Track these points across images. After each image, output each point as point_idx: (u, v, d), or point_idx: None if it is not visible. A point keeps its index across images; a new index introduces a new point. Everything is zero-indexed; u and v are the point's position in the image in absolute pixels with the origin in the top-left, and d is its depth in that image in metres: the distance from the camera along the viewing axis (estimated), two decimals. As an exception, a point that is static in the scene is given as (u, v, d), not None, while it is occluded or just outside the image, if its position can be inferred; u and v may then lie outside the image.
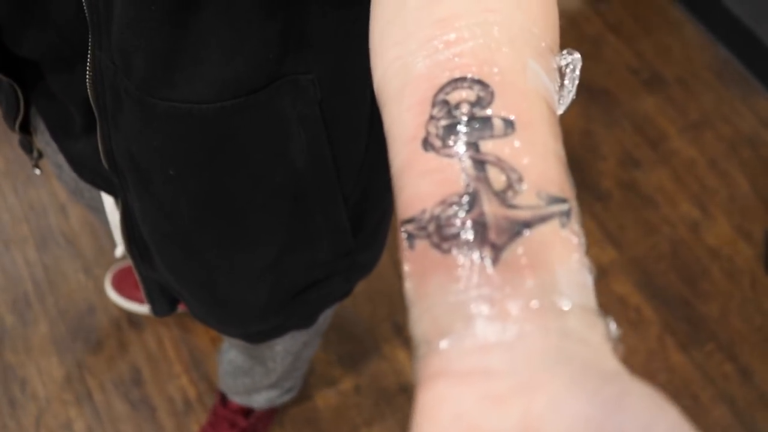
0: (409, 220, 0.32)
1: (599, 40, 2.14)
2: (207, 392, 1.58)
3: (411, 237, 0.32)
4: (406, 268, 0.32)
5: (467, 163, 0.32)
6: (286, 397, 1.41)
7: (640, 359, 1.65)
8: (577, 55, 0.38)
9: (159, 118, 0.57)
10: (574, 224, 0.32)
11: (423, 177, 0.33)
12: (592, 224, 1.83)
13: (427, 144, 0.33)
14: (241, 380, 1.30)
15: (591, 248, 1.80)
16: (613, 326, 0.30)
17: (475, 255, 0.30)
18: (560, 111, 0.37)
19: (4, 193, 1.80)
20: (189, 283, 0.79)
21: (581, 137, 1.96)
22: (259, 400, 1.38)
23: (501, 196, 0.31)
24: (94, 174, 0.78)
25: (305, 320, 0.92)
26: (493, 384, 0.27)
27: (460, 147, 0.32)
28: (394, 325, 1.67)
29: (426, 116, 0.33)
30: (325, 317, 1.04)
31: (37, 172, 0.88)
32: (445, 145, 0.32)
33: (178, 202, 0.66)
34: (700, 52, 2.12)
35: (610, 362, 0.28)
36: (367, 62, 0.59)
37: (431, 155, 0.33)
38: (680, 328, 1.70)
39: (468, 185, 0.31)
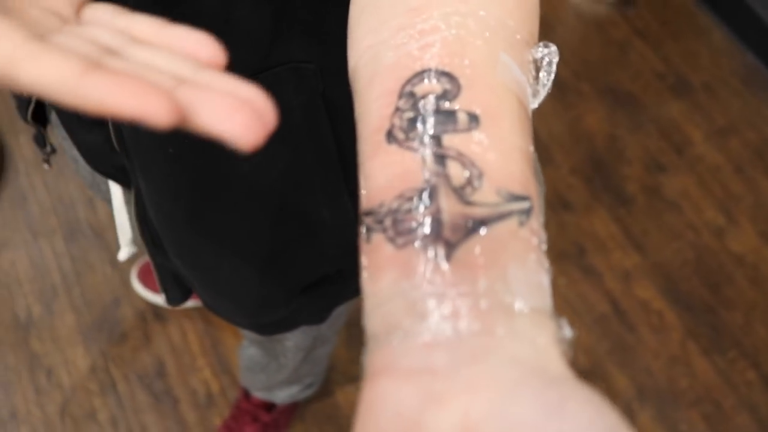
0: (368, 213, 0.32)
1: (626, 45, 2.14)
2: (230, 386, 1.60)
3: (369, 230, 0.32)
4: (363, 261, 0.32)
5: (428, 157, 0.31)
6: (308, 393, 1.42)
7: (662, 364, 1.65)
8: (554, 48, 0.37)
9: None
10: (534, 223, 0.31)
11: (383, 169, 0.32)
12: (616, 228, 1.83)
13: (390, 136, 0.33)
14: (258, 376, 1.31)
15: (614, 252, 1.79)
16: (566, 329, 0.29)
17: (429, 252, 0.29)
18: (534, 105, 0.37)
19: (34, 186, 1.83)
20: (195, 269, 0.79)
21: (606, 141, 1.96)
22: (281, 396, 1.39)
23: (459, 192, 0.30)
24: (107, 164, 0.79)
25: (315, 316, 0.92)
26: (435, 383, 0.26)
27: (422, 140, 0.32)
28: (416, 324, 1.67)
29: (392, 108, 0.33)
30: (338, 314, 1.04)
31: (46, 167, 0.90)
32: (408, 138, 0.32)
33: (179, 183, 0.67)
34: (727, 57, 2.11)
35: (556, 365, 0.27)
36: None
37: (393, 147, 0.32)
38: (703, 334, 1.70)
39: (427, 180, 0.31)
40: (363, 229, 0.32)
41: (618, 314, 1.72)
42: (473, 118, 0.32)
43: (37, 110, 0.80)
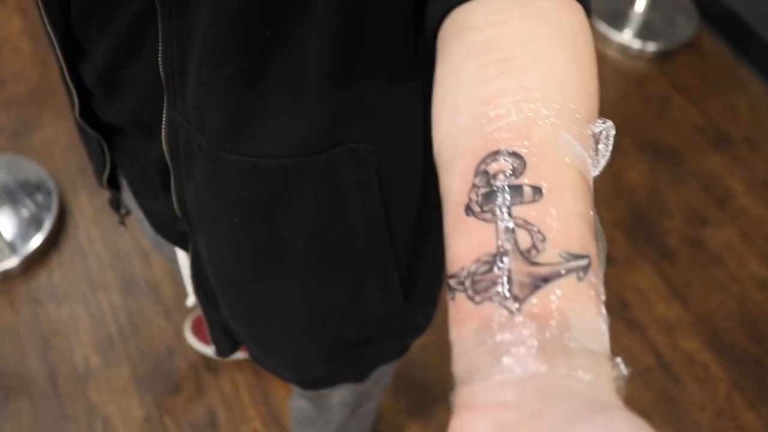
0: (451, 276, 0.38)
1: (665, 100, 2.17)
2: (279, 436, 1.63)
3: (452, 290, 0.37)
4: (450, 317, 0.37)
5: (500, 226, 0.37)
6: None
7: (709, 416, 1.65)
8: (610, 123, 0.43)
9: (227, 169, 0.62)
10: (592, 277, 0.36)
11: (463, 238, 0.38)
12: (659, 281, 1.84)
13: (468, 209, 0.38)
14: (307, 429, 1.34)
15: (658, 304, 1.81)
16: (621, 367, 0.34)
17: (501, 306, 0.35)
18: (595, 172, 0.42)
19: (93, 241, 1.90)
20: (246, 326, 0.83)
21: (648, 195, 1.98)
22: None
23: (525, 255, 0.36)
24: (169, 230, 0.84)
25: (357, 374, 0.95)
26: (505, 414, 0.31)
27: (495, 212, 0.37)
28: (462, 376, 1.69)
29: (469, 184, 0.39)
30: (383, 373, 1.06)
31: (122, 229, 0.95)
32: (483, 211, 0.38)
33: (239, 249, 0.71)
34: (766, 110, 2.13)
35: (606, 395, 0.32)
36: (419, 136, 0.65)
37: (471, 219, 0.38)
38: (749, 387, 1.69)
39: (499, 246, 0.36)
40: (448, 290, 0.37)
41: (662, 366, 1.72)
42: (537, 191, 0.37)
43: (112, 176, 0.86)
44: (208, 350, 1.71)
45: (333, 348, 0.85)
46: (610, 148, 0.43)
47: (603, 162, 0.42)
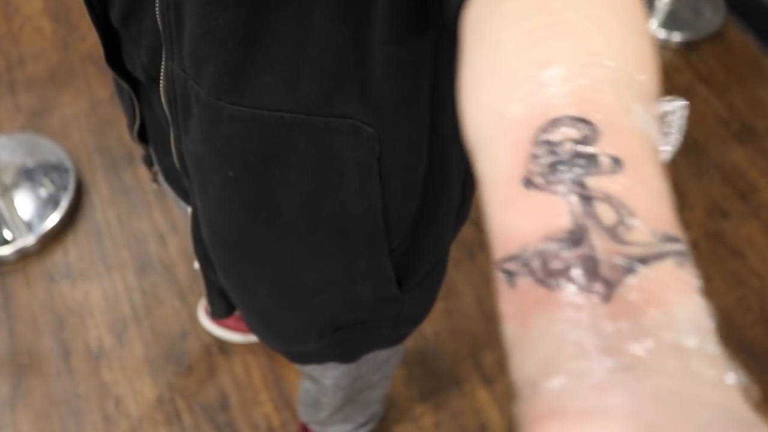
0: (509, 258, 0.30)
1: (690, 91, 2.14)
2: (290, 420, 1.63)
3: (511, 275, 0.30)
4: (506, 308, 0.30)
5: (574, 199, 0.30)
6: (362, 431, 1.43)
7: (725, 412, 1.62)
8: (681, 102, 0.37)
9: (224, 120, 0.61)
10: (690, 265, 0.29)
11: (524, 214, 0.31)
12: (678, 274, 1.82)
13: (528, 183, 0.31)
14: (309, 410, 1.33)
15: (676, 298, 1.78)
16: (741, 374, 0.27)
17: (587, 291, 0.28)
18: (666, 158, 0.35)
19: (109, 221, 1.90)
20: (236, 288, 0.82)
21: (669, 187, 1.95)
22: None
23: (612, 232, 0.29)
24: (178, 186, 0.86)
25: (345, 356, 0.94)
26: (615, 425, 0.24)
27: (566, 183, 0.30)
28: (476, 364, 1.69)
29: (526, 156, 0.32)
30: (382, 361, 1.05)
31: (155, 186, 0.97)
32: (549, 182, 0.31)
33: (233, 206, 0.70)
34: (793, 104, 2.10)
35: (744, 409, 0.25)
36: (424, 131, 0.63)
37: (534, 193, 0.31)
38: (768, 383, 1.67)
39: (575, 220, 0.29)
40: (502, 276, 0.30)
41: (679, 361, 1.70)
42: (616, 162, 0.31)
43: (142, 131, 0.86)
44: (222, 332, 1.71)
45: (322, 324, 0.83)
46: (683, 130, 0.36)
47: (676, 146, 0.36)
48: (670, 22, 2.27)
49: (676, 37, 2.24)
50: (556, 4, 0.36)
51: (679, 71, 2.19)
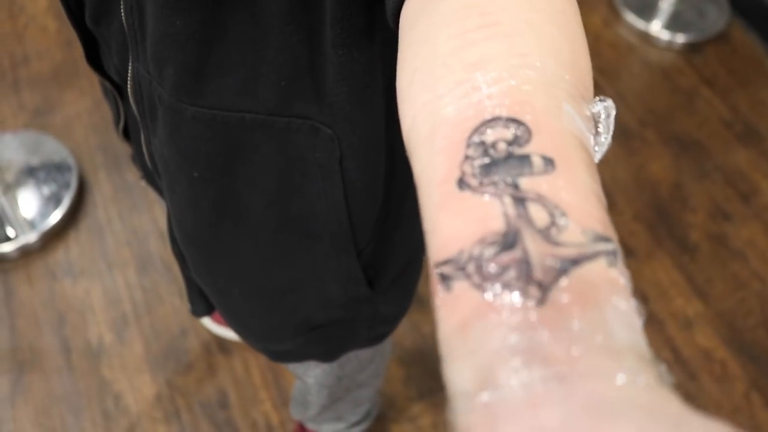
0: (444, 262, 0.30)
1: (693, 93, 2.14)
2: (289, 419, 1.63)
3: (447, 279, 0.29)
4: (441, 312, 0.29)
5: (507, 200, 0.30)
6: (355, 430, 1.43)
7: (725, 415, 1.62)
8: (610, 102, 0.37)
9: (187, 122, 0.61)
10: (621, 264, 0.29)
11: (458, 216, 0.31)
12: (679, 276, 1.81)
13: (462, 184, 0.31)
14: (298, 408, 1.33)
15: (677, 299, 1.78)
16: (666, 374, 0.27)
17: (521, 294, 0.27)
18: (596, 158, 0.35)
19: (110, 219, 1.91)
20: (209, 287, 0.83)
21: (671, 188, 1.95)
22: (328, 430, 1.41)
23: (544, 233, 0.29)
24: (155, 185, 0.87)
25: (324, 355, 0.94)
26: None
27: (498, 185, 0.31)
28: (474, 365, 1.68)
29: (460, 157, 0.32)
30: (365, 360, 1.04)
31: (143, 183, 0.98)
32: (483, 183, 0.31)
33: (199, 205, 0.70)
34: (797, 107, 2.09)
35: (674, 405, 0.25)
36: (381, 133, 0.63)
37: (467, 194, 0.31)
38: (768, 386, 1.66)
39: (509, 223, 0.29)
40: (439, 279, 0.30)
41: (679, 363, 1.70)
42: (548, 162, 0.31)
43: (127, 130, 0.87)
44: (222, 331, 1.72)
45: (297, 323, 0.84)
46: (611, 130, 0.36)
47: (605, 147, 0.36)
48: (674, 23, 2.27)
49: (680, 38, 2.24)
50: (490, 7, 0.36)
51: (682, 73, 2.18)
